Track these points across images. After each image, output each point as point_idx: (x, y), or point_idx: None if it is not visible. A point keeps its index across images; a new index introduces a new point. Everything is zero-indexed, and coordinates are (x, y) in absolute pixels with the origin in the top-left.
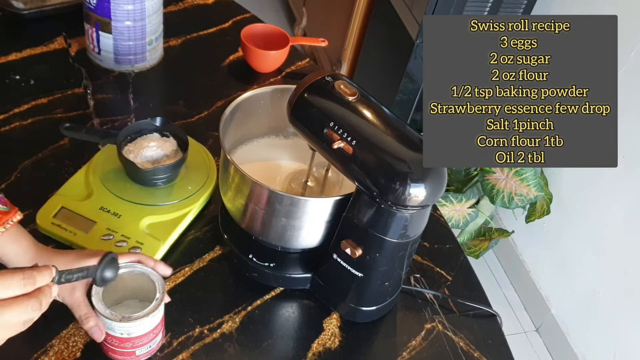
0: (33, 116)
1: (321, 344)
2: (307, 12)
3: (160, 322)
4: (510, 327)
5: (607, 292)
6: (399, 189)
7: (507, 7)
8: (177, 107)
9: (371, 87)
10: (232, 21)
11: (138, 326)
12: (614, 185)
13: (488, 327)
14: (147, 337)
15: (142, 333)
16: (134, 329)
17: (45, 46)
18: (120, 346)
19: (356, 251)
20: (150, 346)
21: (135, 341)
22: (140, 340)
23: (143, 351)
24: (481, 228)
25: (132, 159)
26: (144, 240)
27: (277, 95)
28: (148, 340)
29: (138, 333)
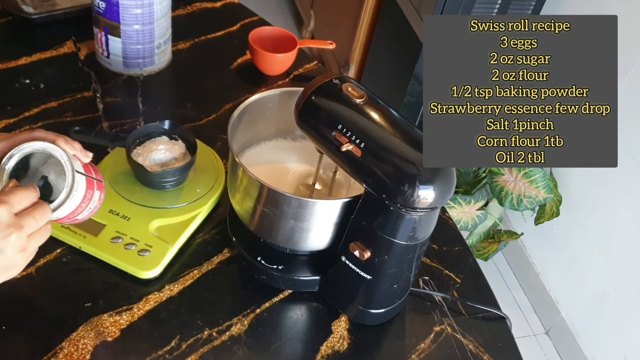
0: (43, 120)
1: (330, 346)
2: (315, 15)
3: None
4: (520, 329)
5: (617, 294)
6: (408, 191)
7: (515, 8)
8: (185, 110)
9: (379, 90)
10: (240, 24)
11: (63, 209)
12: (624, 186)
13: (497, 330)
14: (79, 207)
15: (71, 210)
16: (61, 212)
17: (54, 50)
18: (59, 221)
19: (365, 253)
20: (90, 208)
21: (70, 215)
22: (74, 213)
23: (84, 214)
24: (490, 230)
25: (141, 162)
26: (152, 242)
27: (285, 98)
28: (82, 209)
29: (67, 212)
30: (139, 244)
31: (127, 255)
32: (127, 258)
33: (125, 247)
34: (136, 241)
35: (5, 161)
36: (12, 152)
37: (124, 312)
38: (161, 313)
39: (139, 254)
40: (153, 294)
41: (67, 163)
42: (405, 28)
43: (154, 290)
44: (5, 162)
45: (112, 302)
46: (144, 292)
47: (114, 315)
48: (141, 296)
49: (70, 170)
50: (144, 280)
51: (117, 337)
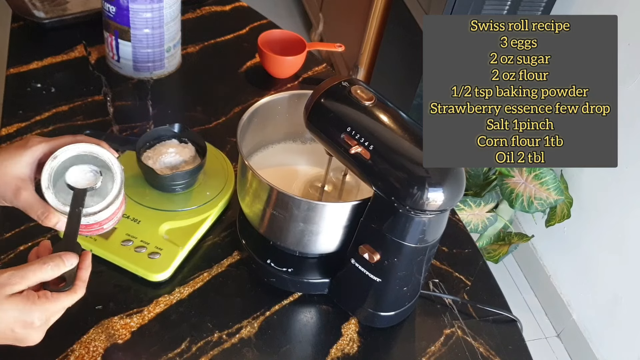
0: (54, 123)
1: (340, 349)
2: (324, 18)
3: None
4: (531, 332)
5: (630, 296)
6: (417, 193)
7: (525, 8)
8: (195, 113)
9: (388, 92)
10: (249, 27)
11: (104, 213)
12: (636, 188)
13: (508, 333)
14: (114, 215)
15: (107, 216)
16: (100, 215)
17: (65, 54)
18: (87, 228)
19: (374, 256)
20: (117, 217)
21: (102, 222)
22: (107, 220)
23: (110, 224)
24: (500, 232)
25: (151, 165)
26: (162, 245)
27: (294, 101)
28: (114, 216)
29: (104, 217)
30: (149, 246)
31: (137, 258)
32: (138, 261)
33: (136, 250)
34: (146, 244)
35: (50, 161)
36: (57, 152)
37: (135, 314)
38: (171, 315)
39: (150, 257)
40: (163, 296)
41: (114, 164)
42: (414, 30)
43: (164, 293)
44: (50, 161)
45: (122, 305)
46: (155, 295)
47: (124, 317)
48: (151, 299)
49: (119, 172)
50: (154, 283)
51: (128, 339)
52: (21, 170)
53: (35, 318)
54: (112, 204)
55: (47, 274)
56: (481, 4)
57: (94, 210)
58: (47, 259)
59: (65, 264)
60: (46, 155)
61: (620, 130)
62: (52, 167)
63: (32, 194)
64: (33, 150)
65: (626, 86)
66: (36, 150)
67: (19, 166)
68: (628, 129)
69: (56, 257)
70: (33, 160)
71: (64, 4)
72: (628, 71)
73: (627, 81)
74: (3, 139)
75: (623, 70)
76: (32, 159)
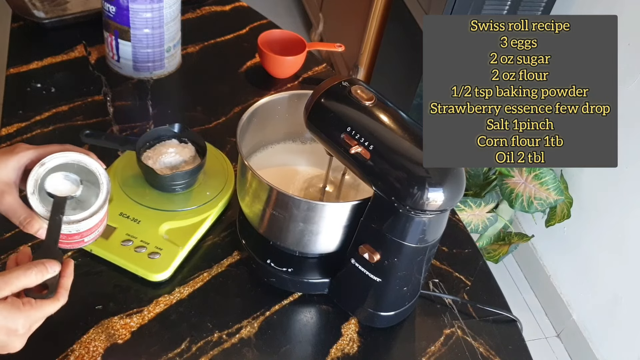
0: (54, 123)
1: (340, 349)
2: (324, 18)
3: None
4: (531, 332)
5: (630, 296)
6: (417, 193)
7: (525, 8)
8: (195, 113)
9: (388, 92)
10: (249, 27)
11: (86, 223)
12: (635, 188)
13: (508, 333)
14: (95, 227)
15: (90, 226)
16: (83, 225)
17: (65, 54)
18: (68, 239)
19: (374, 256)
20: (98, 231)
21: (84, 233)
22: (89, 231)
23: (91, 237)
24: (500, 232)
25: (151, 165)
26: (162, 245)
27: (294, 101)
28: (96, 228)
29: (86, 227)
30: (149, 246)
31: (137, 258)
32: (138, 261)
33: (136, 250)
34: (146, 244)
35: (37, 167)
36: (45, 159)
37: (135, 314)
38: (171, 315)
39: (149, 257)
40: (163, 296)
41: (102, 174)
42: (414, 30)
43: (164, 293)
44: (37, 168)
45: (122, 305)
46: (154, 295)
47: (124, 317)
48: (151, 299)
49: (105, 183)
50: (154, 282)
51: (128, 339)
52: (7, 175)
53: (19, 325)
54: (95, 214)
55: (31, 280)
56: (481, 4)
57: (76, 219)
58: (31, 264)
59: (49, 270)
60: (33, 162)
61: (620, 130)
62: (39, 174)
63: (16, 199)
64: (20, 156)
65: (626, 86)
66: (23, 157)
67: (5, 171)
68: (628, 129)
69: (39, 263)
70: (20, 165)
71: (64, 4)
72: (628, 71)
73: (627, 81)
74: (3, 139)
75: (623, 70)
76: (18, 164)
